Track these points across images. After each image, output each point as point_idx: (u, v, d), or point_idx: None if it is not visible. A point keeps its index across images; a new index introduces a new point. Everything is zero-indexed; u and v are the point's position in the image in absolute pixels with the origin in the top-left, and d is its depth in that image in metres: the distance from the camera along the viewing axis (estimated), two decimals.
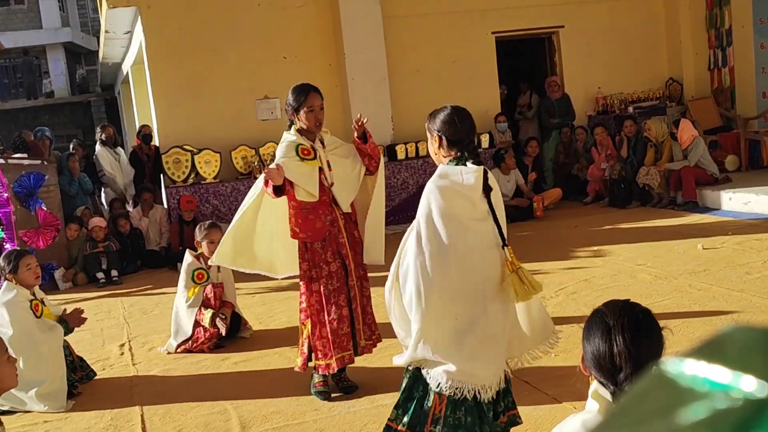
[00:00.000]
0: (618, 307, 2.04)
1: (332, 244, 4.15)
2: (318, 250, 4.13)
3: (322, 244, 4.13)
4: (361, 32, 10.10)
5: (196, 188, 9.47)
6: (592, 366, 2.00)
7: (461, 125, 3.19)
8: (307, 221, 4.10)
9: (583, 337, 2.06)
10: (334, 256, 4.15)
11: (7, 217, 8.03)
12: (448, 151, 3.17)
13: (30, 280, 4.79)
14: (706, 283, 5.73)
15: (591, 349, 2.00)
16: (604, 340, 1.97)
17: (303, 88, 4.17)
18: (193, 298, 5.53)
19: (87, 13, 29.61)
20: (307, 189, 4.08)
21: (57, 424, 4.35)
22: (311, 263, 4.14)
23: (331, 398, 4.20)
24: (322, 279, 4.13)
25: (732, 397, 0.45)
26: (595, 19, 11.48)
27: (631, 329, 1.97)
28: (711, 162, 9.47)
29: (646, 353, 1.95)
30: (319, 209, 4.11)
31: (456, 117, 3.19)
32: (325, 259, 4.13)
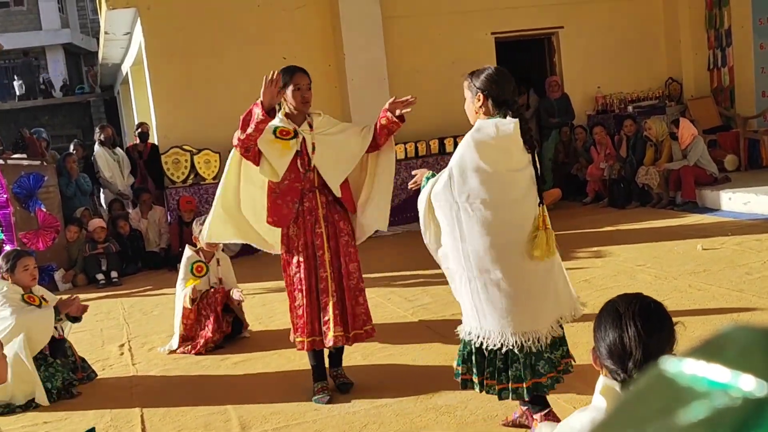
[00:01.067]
0: (629, 297, 2.05)
1: (306, 234, 4.08)
2: (293, 236, 4.10)
3: (295, 232, 4.08)
4: (361, 33, 10.10)
5: (195, 189, 9.46)
6: (603, 355, 2.00)
7: (507, 85, 3.26)
8: (274, 206, 4.07)
9: (595, 327, 2.06)
10: (305, 246, 4.08)
11: (7, 219, 8.03)
12: (492, 111, 3.22)
13: (26, 281, 4.79)
14: (706, 284, 5.73)
15: (602, 336, 2.00)
16: (615, 325, 1.97)
17: (289, 67, 4.12)
18: (190, 288, 5.51)
19: (86, 15, 29.61)
20: (272, 163, 4.00)
21: (57, 425, 4.35)
22: (287, 247, 4.13)
23: (331, 401, 4.17)
24: (292, 265, 4.12)
25: (731, 397, 0.45)
26: (595, 19, 11.48)
27: (642, 316, 1.98)
28: (710, 162, 9.47)
29: (656, 342, 1.95)
30: (287, 195, 4.06)
31: (502, 76, 3.26)
32: (296, 247, 4.09)
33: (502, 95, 3.24)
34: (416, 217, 3.42)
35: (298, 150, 4.05)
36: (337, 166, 4.13)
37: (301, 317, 4.12)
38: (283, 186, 4.04)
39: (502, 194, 3.17)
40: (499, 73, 3.27)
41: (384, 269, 7.07)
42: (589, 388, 2.21)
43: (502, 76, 3.27)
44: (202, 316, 5.49)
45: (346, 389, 4.27)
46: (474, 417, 3.78)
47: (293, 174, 4.04)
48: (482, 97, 3.22)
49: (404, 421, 3.85)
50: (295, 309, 4.15)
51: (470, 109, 3.32)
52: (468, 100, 3.33)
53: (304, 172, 4.05)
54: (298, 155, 4.04)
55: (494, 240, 3.16)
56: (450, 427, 3.71)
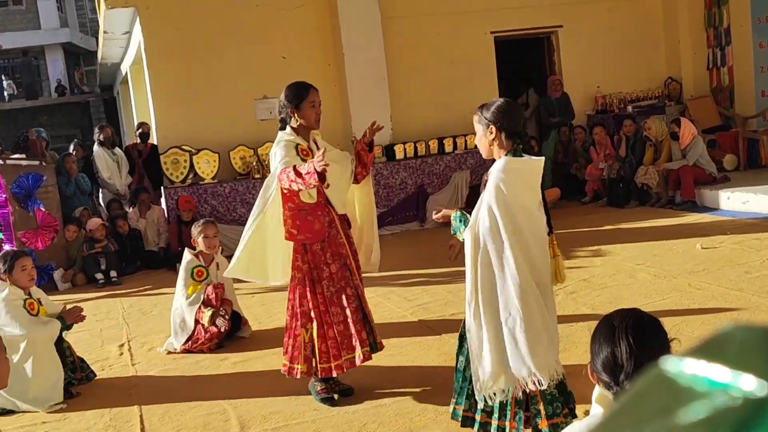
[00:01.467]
0: (625, 312, 2.08)
1: (332, 246, 4.09)
2: (318, 251, 4.07)
3: (321, 246, 4.07)
4: (360, 32, 10.10)
5: (194, 189, 9.46)
6: (598, 369, 2.02)
7: (518, 116, 3.33)
8: (305, 222, 4.04)
9: (591, 341, 2.09)
10: (334, 257, 4.09)
11: (6, 218, 8.03)
12: (506, 143, 3.27)
13: (24, 282, 4.79)
14: (705, 282, 5.74)
15: (596, 350, 2.03)
16: (609, 340, 2.00)
17: (303, 84, 4.12)
18: (193, 295, 5.52)
19: (85, 14, 29.61)
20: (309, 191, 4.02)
21: (56, 425, 4.35)
22: (311, 265, 4.07)
23: (336, 403, 4.13)
24: (324, 280, 4.06)
25: (731, 396, 0.45)
26: (594, 19, 11.48)
27: (635, 330, 2.00)
28: (709, 161, 9.48)
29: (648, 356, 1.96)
30: (317, 210, 4.06)
31: (512, 108, 3.32)
32: (325, 261, 4.07)
33: (514, 127, 3.29)
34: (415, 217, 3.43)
35: None
36: (340, 187, 4.17)
37: (343, 332, 4.00)
38: (311, 203, 4.04)
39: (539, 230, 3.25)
40: (509, 105, 3.33)
41: (383, 268, 7.05)
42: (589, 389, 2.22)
43: (512, 107, 3.33)
44: (201, 312, 5.49)
45: (348, 394, 4.23)
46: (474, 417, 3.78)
47: (317, 190, 4.06)
48: (495, 130, 3.26)
49: (403, 420, 3.85)
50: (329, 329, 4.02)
51: (483, 142, 3.35)
52: (480, 134, 3.36)
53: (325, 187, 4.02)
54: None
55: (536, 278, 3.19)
56: (450, 427, 3.70)
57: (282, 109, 4.13)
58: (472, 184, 9.94)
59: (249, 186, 9.54)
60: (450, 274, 6.94)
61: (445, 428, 3.71)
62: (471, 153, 10.34)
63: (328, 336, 4.05)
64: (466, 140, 10.38)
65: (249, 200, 9.54)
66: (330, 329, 4.05)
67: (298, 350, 4.10)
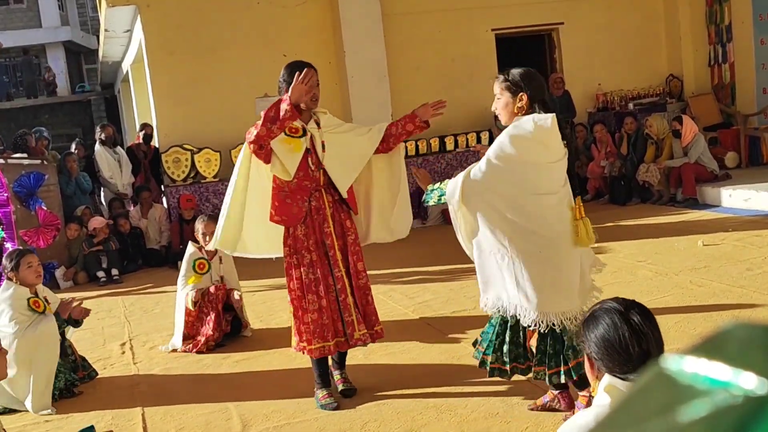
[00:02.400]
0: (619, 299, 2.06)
1: (316, 233, 4.00)
2: (300, 236, 3.99)
3: (304, 231, 3.99)
4: (361, 30, 10.10)
5: (195, 187, 9.47)
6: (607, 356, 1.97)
7: (542, 83, 3.45)
8: (283, 205, 3.97)
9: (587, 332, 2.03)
10: (317, 245, 3.99)
11: (7, 217, 8.04)
12: (529, 108, 3.38)
13: (30, 279, 4.79)
14: (707, 280, 5.73)
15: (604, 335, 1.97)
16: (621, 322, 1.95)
17: (299, 62, 4.02)
18: (191, 285, 5.51)
19: (86, 12, 29.62)
20: (283, 161, 3.93)
21: (58, 424, 4.35)
22: (292, 249, 4.01)
23: (339, 407, 4.07)
24: (303, 267, 3.99)
25: (732, 395, 0.45)
26: (595, 16, 11.47)
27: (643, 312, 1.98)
28: (711, 159, 9.47)
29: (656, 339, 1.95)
30: (297, 193, 3.96)
31: (537, 75, 3.46)
32: (306, 247, 3.98)
33: (540, 94, 3.41)
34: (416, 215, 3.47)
35: (308, 148, 3.98)
36: (346, 166, 4.06)
37: (317, 321, 3.99)
38: (292, 184, 3.96)
39: (549, 183, 3.38)
40: (534, 72, 3.46)
41: (385, 266, 7.07)
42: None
43: (537, 75, 3.47)
44: (203, 314, 5.49)
45: (350, 395, 4.18)
46: (475, 415, 3.78)
47: (302, 172, 3.97)
48: (525, 97, 3.36)
49: (405, 419, 3.85)
50: (304, 314, 4.03)
51: (508, 109, 3.43)
52: (504, 100, 3.44)
53: (314, 170, 3.99)
54: (308, 153, 3.98)
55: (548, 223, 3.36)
56: (451, 425, 3.71)
57: (280, 89, 4.05)
58: None
59: None
60: (451, 271, 6.94)
61: (446, 426, 3.71)
62: (472, 151, 10.34)
63: (303, 321, 4.03)
64: (467, 138, 10.38)
65: None
66: (305, 314, 4.02)
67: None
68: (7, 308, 4.64)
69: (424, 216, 9.88)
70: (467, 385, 4.18)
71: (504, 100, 3.44)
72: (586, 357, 2.06)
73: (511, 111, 3.41)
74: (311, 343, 4.02)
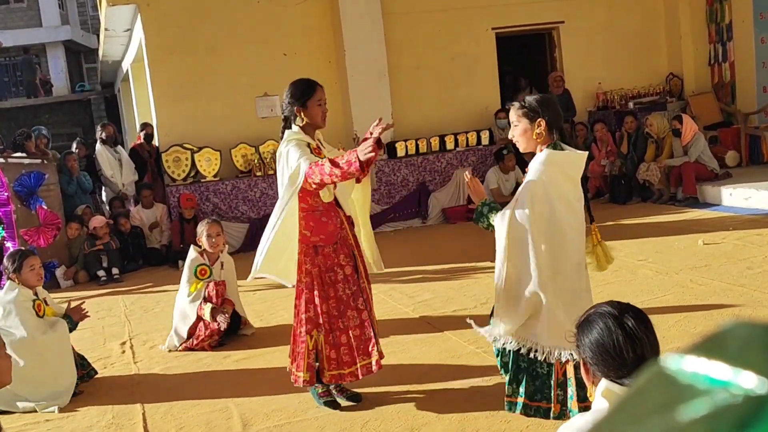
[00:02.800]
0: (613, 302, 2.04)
1: (344, 247, 3.97)
2: (330, 254, 3.92)
3: (333, 247, 3.93)
4: (361, 29, 10.09)
5: (196, 186, 9.47)
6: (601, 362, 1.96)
7: (558, 109, 3.45)
8: (319, 224, 3.90)
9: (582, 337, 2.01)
10: (347, 258, 3.96)
11: (8, 216, 8.04)
12: (547, 136, 3.38)
13: (33, 281, 4.79)
14: (707, 279, 5.73)
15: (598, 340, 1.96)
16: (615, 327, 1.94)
17: (310, 81, 3.96)
18: (195, 293, 5.52)
19: (86, 11, 29.62)
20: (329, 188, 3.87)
21: (58, 423, 4.35)
22: (323, 268, 3.91)
23: (339, 406, 4.03)
24: (339, 283, 3.90)
25: (732, 394, 0.45)
26: (595, 15, 11.46)
27: (637, 316, 1.97)
28: (711, 158, 9.47)
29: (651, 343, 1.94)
30: (330, 211, 3.94)
31: (555, 102, 3.46)
32: (338, 263, 3.93)
33: (558, 121, 3.42)
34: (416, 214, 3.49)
35: None
36: (345, 186, 4.02)
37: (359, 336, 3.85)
38: (325, 203, 3.92)
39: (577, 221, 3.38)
40: (550, 97, 3.50)
41: (385, 265, 7.06)
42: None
43: (553, 100, 3.49)
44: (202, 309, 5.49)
45: (358, 400, 4.11)
46: (476, 414, 3.79)
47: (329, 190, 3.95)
48: (543, 123, 3.36)
49: (406, 417, 3.85)
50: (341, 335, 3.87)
51: (527, 136, 3.42)
52: (522, 127, 3.43)
53: (332, 188, 3.94)
54: None
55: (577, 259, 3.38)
56: (451, 424, 3.71)
57: (286, 107, 3.94)
58: None
59: (250, 184, 9.55)
60: (451, 270, 6.94)
61: (447, 425, 3.71)
62: (473, 150, 10.34)
63: (341, 342, 3.89)
64: (468, 137, 10.38)
65: (250, 198, 9.55)
66: (343, 335, 3.89)
67: (302, 358, 3.96)
68: (14, 310, 4.65)
69: (425, 215, 9.88)
70: (467, 383, 4.19)
71: (522, 126, 3.43)
72: (581, 362, 2.04)
73: (530, 137, 3.41)
74: (352, 365, 3.88)
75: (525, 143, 3.45)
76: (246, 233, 9.30)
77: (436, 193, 10.06)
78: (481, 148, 10.39)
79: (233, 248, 8.84)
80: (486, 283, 6.27)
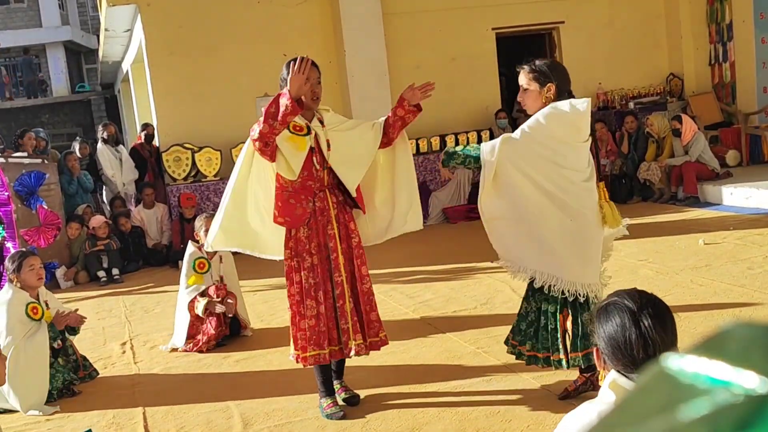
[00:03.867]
0: (635, 294, 1.99)
1: (319, 235, 3.84)
2: (302, 239, 3.83)
3: (306, 233, 3.82)
4: (361, 29, 10.10)
5: (196, 186, 9.47)
6: (612, 355, 1.95)
7: (567, 74, 3.61)
8: (287, 205, 3.81)
9: (599, 326, 1.99)
10: (319, 248, 3.83)
11: (8, 216, 8.03)
12: (556, 98, 3.52)
13: (32, 281, 4.78)
14: (708, 279, 5.73)
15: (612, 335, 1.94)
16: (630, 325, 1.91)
17: (297, 58, 3.86)
18: (193, 286, 5.50)
19: (87, 12, 29.63)
20: (288, 160, 3.77)
21: (59, 422, 4.35)
22: (293, 251, 3.84)
23: (346, 415, 3.96)
24: (303, 270, 3.83)
25: (733, 394, 0.45)
26: (596, 15, 11.46)
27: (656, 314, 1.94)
28: (712, 157, 9.47)
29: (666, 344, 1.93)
30: (301, 194, 3.81)
31: (562, 67, 3.66)
32: (308, 250, 3.82)
33: (567, 84, 3.57)
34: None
35: (312, 147, 3.83)
36: (354, 164, 3.92)
37: (314, 327, 3.85)
38: (296, 184, 3.80)
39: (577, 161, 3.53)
40: (558, 63, 3.67)
41: (385, 265, 7.07)
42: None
43: (561, 65, 3.68)
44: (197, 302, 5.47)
45: (355, 402, 4.09)
46: (476, 413, 3.79)
47: (306, 172, 3.81)
48: (553, 87, 3.48)
49: (406, 417, 3.85)
50: (301, 320, 3.88)
51: (536, 98, 3.54)
52: (532, 91, 3.54)
53: (318, 170, 3.84)
54: (312, 152, 3.83)
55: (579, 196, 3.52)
56: (452, 423, 3.71)
57: (281, 87, 3.86)
58: (474, 181, 9.93)
59: None
60: (452, 270, 6.94)
61: (447, 424, 3.71)
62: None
63: (300, 327, 3.89)
64: (468, 137, 10.37)
65: None
66: (302, 320, 3.87)
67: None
68: (3, 314, 4.62)
69: (425, 215, 9.86)
70: (468, 383, 4.19)
71: (532, 90, 3.54)
72: (595, 347, 2.04)
73: (539, 101, 3.53)
74: (306, 351, 3.86)
75: (532, 106, 3.58)
76: None
77: (436, 192, 10.06)
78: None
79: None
80: (487, 283, 6.27)
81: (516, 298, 4.38)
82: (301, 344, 3.89)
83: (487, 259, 7.16)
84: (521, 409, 3.76)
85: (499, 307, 5.61)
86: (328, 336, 3.88)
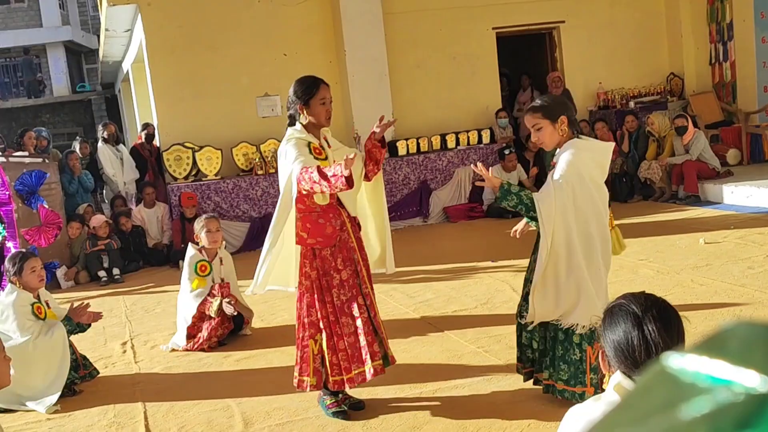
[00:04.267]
0: (641, 297, 2.01)
1: (342, 250, 3.82)
2: (327, 257, 3.80)
3: (331, 251, 3.80)
4: (362, 29, 10.10)
5: (197, 185, 9.47)
6: (615, 358, 1.95)
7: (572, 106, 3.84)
8: (317, 226, 3.78)
9: (604, 329, 2.00)
10: (345, 263, 3.82)
11: (9, 215, 8.04)
12: (570, 131, 3.61)
13: (34, 283, 4.78)
14: (708, 278, 5.73)
15: (616, 338, 1.94)
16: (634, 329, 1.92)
17: (314, 79, 3.85)
18: (198, 290, 5.51)
19: (87, 12, 29.61)
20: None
21: (60, 422, 4.36)
22: (321, 271, 3.80)
23: (349, 417, 3.93)
24: (334, 288, 3.79)
25: (734, 393, 0.45)
26: (596, 14, 11.46)
27: (661, 318, 1.95)
28: (713, 156, 9.47)
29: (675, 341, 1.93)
30: (328, 212, 3.80)
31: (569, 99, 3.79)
32: (335, 267, 3.80)
33: (574, 113, 3.66)
34: (418, 213, 3.55)
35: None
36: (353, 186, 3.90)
37: (354, 344, 3.75)
38: (324, 205, 3.79)
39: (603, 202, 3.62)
40: (558, 96, 3.78)
41: None
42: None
43: (562, 97, 3.86)
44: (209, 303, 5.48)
45: (360, 408, 4.03)
46: (477, 413, 3.79)
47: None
48: (566, 120, 3.57)
49: (406, 416, 3.86)
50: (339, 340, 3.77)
51: (551, 134, 3.60)
52: (547, 127, 3.59)
53: None
54: None
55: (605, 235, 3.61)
56: (452, 423, 3.71)
57: (290, 105, 3.84)
58: (475, 180, 9.93)
59: (252, 182, 9.56)
60: (452, 270, 6.94)
61: (448, 424, 3.71)
62: (474, 149, 10.34)
63: (339, 348, 3.79)
64: (469, 136, 10.38)
65: (252, 196, 9.55)
66: (340, 340, 3.78)
67: (306, 362, 3.86)
68: (11, 314, 4.63)
69: (426, 214, 9.88)
70: (469, 383, 4.19)
71: (545, 127, 3.59)
72: (601, 349, 2.04)
73: (555, 135, 3.59)
74: (350, 371, 3.78)
75: (550, 142, 3.64)
76: (247, 232, 9.30)
77: (437, 191, 10.06)
78: (482, 147, 10.39)
79: (234, 248, 8.85)
80: (487, 283, 6.27)
81: (516, 298, 4.38)
82: (344, 365, 3.80)
83: (488, 259, 7.18)
84: (522, 408, 3.76)
85: (500, 306, 5.61)
86: (370, 350, 3.78)
